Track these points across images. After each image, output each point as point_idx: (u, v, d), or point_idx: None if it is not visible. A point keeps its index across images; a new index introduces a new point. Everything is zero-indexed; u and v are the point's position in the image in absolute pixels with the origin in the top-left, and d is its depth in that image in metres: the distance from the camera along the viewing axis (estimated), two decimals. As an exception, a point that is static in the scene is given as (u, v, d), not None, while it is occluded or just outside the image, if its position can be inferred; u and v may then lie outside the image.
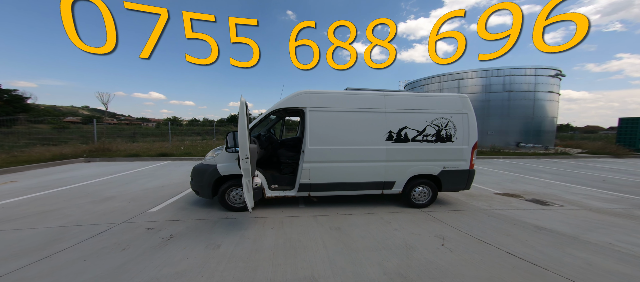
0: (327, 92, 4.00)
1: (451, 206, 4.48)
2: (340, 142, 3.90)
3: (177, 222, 3.15)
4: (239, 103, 2.82)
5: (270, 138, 4.88)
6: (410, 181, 4.19)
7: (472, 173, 4.32)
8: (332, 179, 3.92)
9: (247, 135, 2.81)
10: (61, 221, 3.10)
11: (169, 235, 2.69)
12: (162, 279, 1.88)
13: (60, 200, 3.89)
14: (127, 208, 3.63)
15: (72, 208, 3.52)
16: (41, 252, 2.26)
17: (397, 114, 4.07)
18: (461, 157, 4.22)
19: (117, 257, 2.20)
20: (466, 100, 4.29)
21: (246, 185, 2.82)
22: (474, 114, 4.29)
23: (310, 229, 3.15)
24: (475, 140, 4.24)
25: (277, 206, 4.02)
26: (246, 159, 2.73)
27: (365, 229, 3.24)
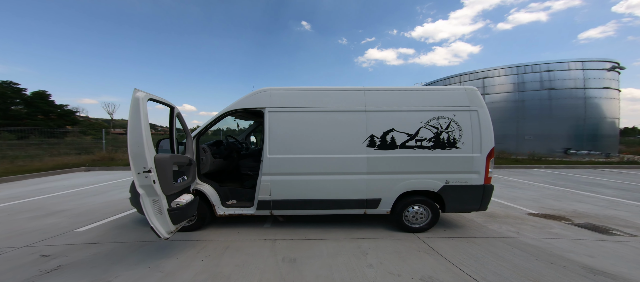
0: (291, 89, 3.46)
1: (460, 230, 3.58)
2: (307, 150, 3.30)
3: (94, 245, 2.74)
4: (133, 101, 2.30)
5: (233, 146, 4.43)
6: (402, 198, 3.42)
7: (489, 189, 3.43)
8: (298, 195, 3.30)
9: (148, 142, 2.28)
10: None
11: (57, 265, 2.25)
12: None
13: (2, 215, 3.76)
14: (57, 226, 3.32)
15: (4, 225, 3.30)
16: None
17: (380, 113, 3.39)
18: (471, 168, 3.37)
19: None
20: (474, 94, 3.48)
21: (151, 207, 2.31)
22: (487, 112, 3.44)
23: (256, 259, 2.55)
24: (491, 145, 3.38)
25: (237, 225, 3.48)
26: (146, 172, 2.23)
27: (328, 263, 2.56)
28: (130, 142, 2.23)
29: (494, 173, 3.54)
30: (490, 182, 3.44)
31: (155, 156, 2.33)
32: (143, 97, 2.33)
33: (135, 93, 2.33)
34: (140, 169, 2.22)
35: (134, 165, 2.23)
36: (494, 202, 5.27)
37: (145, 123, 2.30)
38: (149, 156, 2.25)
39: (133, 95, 2.30)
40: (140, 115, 2.25)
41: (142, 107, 2.27)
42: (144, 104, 2.31)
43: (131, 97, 2.30)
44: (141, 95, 2.33)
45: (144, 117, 2.29)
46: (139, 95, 2.32)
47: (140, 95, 2.32)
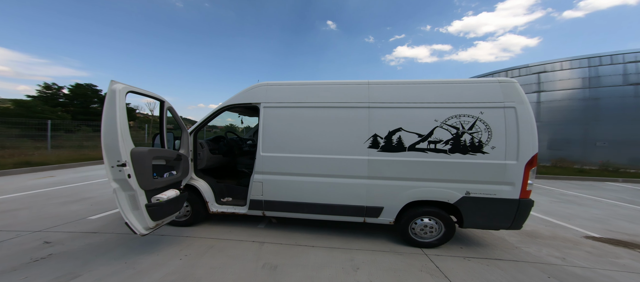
0: (288, 83, 3.27)
1: (482, 249, 3.02)
2: (301, 149, 3.08)
3: (92, 235, 2.92)
4: (109, 93, 2.29)
5: (233, 142, 4.43)
6: (408, 208, 3.00)
7: (527, 205, 2.80)
8: (290, 197, 3.11)
9: (123, 134, 2.25)
10: (4, 222, 3.28)
11: (48, 254, 2.41)
12: None
13: (38, 200, 4.37)
14: (76, 213, 3.69)
15: (31, 209, 3.80)
16: None
17: (386, 110, 3.00)
18: (502, 178, 2.78)
19: None
20: (512, 87, 2.86)
21: (127, 202, 2.31)
22: (529, 109, 2.80)
23: (235, 263, 2.44)
24: (532, 152, 2.74)
25: (231, 224, 3.45)
26: (120, 165, 2.22)
27: (311, 275, 2.32)
28: (104, 135, 2.24)
29: (546, 184, 2.88)
30: (529, 197, 2.79)
31: (132, 149, 2.33)
32: (120, 90, 2.32)
33: (112, 85, 2.33)
34: (114, 162, 2.23)
35: (107, 158, 2.24)
36: (539, 218, 4.40)
37: (122, 115, 2.29)
38: (123, 149, 2.23)
39: (109, 87, 2.31)
40: (116, 108, 2.25)
41: (118, 100, 2.27)
42: (120, 96, 2.30)
43: (110, 89, 2.30)
44: (118, 87, 2.33)
45: (120, 109, 2.28)
46: (116, 88, 2.31)
47: (117, 88, 2.32)
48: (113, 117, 2.24)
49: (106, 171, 2.24)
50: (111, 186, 2.26)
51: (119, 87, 2.33)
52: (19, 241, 2.70)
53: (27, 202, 4.15)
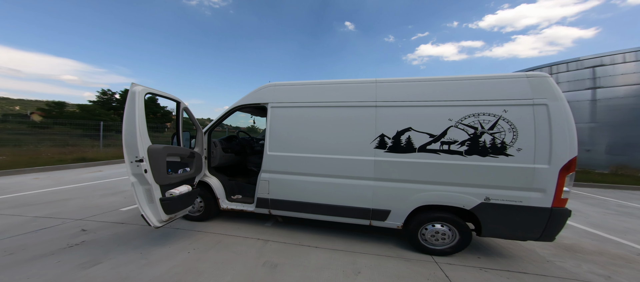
0: (295, 83, 3.28)
1: (504, 260, 2.73)
2: (306, 149, 3.08)
3: (120, 225, 3.26)
4: (129, 95, 2.50)
5: (244, 142, 4.58)
6: (418, 212, 2.81)
7: (561, 215, 2.46)
8: (296, 196, 3.12)
9: (142, 133, 2.42)
10: (50, 209, 3.76)
11: (81, 241, 2.75)
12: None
13: (86, 190, 5.02)
14: (112, 204, 4.15)
15: (79, 200, 4.36)
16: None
17: (394, 109, 2.85)
18: (529, 184, 2.47)
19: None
20: (543, 82, 2.53)
21: (143, 195, 2.51)
22: (565, 106, 2.45)
23: (238, 259, 2.52)
24: (570, 155, 2.39)
25: (240, 221, 3.59)
26: (138, 161, 2.43)
27: (310, 276, 2.31)
28: (124, 132, 2.44)
29: (600, 194, 2.53)
30: (564, 206, 2.44)
31: (149, 147, 2.51)
32: (139, 91, 2.52)
33: (132, 87, 2.54)
34: (133, 158, 2.43)
35: (127, 154, 2.44)
36: (583, 231, 3.84)
37: (140, 115, 2.48)
38: (141, 145, 2.42)
39: (130, 89, 2.52)
40: (135, 108, 2.44)
41: (137, 100, 2.47)
42: (139, 98, 2.49)
43: (130, 91, 2.51)
44: (138, 89, 2.53)
45: (139, 109, 2.47)
46: (136, 90, 2.51)
47: (136, 90, 2.51)
48: (133, 116, 2.43)
49: (126, 165, 2.45)
50: (130, 179, 2.48)
51: (138, 89, 2.53)
52: (63, 228, 3.13)
53: (77, 193, 4.81)
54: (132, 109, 2.44)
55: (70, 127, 13.92)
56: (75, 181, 5.93)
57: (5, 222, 3.22)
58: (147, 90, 2.68)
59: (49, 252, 2.47)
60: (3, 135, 11.22)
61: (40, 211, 3.71)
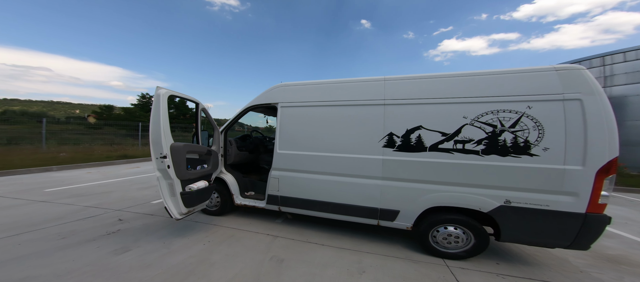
0: (304, 83, 3.33)
1: (528, 268, 2.54)
2: (314, 147, 3.12)
3: (149, 216, 3.62)
4: (155, 97, 2.75)
5: (258, 140, 4.75)
6: (429, 213, 2.69)
7: (598, 221, 2.20)
8: (305, 194, 3.19)
9: (165, 131, 2.65)
10: (98, 199, 4.31)
11: (117, 229, 3.13)
12: (31, 280, 2.02)
13: (125, 184, 5.67)
14: (145, 197, 4.63)
15: (119, 192, 4.92)
16: (33, 225, 3.07)
17: (403, 107, 2.76)
18: (559, 187, 2.25)
19: (36, 246, 2.56)
20: (576, 75, 2.26)
21: (166, 189, 2.77)
22: (603, 101, 2.17)
23: (247, 252, 2.67)
24: (610, 155, 2.12)
25: (253, 216, 3.78)
26: (162, 157, 2.66)
27: (314, 272, 2.35)
28: (151, 131, 2.68)
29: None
30: (602, 212, 2.17)
31: (171, 144, 2.74)
32: (163, 94, 2.76)
33: (157, 90, 2.78)
34: (158, 154, 2.67)
35: (153, 150, 2.69)
36: (635, 241, 3.35)
37: (164, 115, 2.71)
38: (164, 143, 2.65)
39: (155, 93, 2.76)
40: (160, 109, 2.68)
41: (162, 102, 2.70)
42: (163, 100, 2.73)
43: (155, 94, 2.76)
44: (162, 92, 2.77)
45: (163, 110, 2.70)
46: (160, 92, 2.75)
47: (161, 92, 2.76)
48: (157, 116, 2.67)
49: (153, 161, 2.70)
50: (156, 174, 2.74)
51: (162, 92, 2.77)
52: (105, 217, 3.59)
53: (118, 186, 5.46)
54: (157, 110, 2.68)
55: (116, 127, 15.75)
56: (118, 176, 6.73)
57: (62, 210, 3.80)
58: (170, 92, 2.92)
59: (91, 238, 2.86)
60: (66, 135, 13.09)
61: (89, 201, 4.30)
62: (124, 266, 2.30)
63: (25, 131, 12.50)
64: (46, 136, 10.32)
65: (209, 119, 3.75)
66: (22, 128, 13.68)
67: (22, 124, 15.59)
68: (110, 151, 10.30)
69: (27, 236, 2.89)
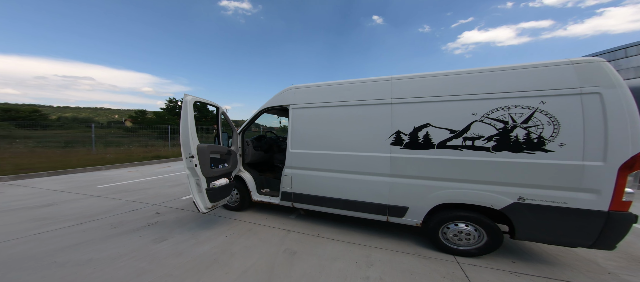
0: (314, 85, 3.50)
1: (547, 267, 2.49)
2: (325, 146, 3.28)
3: (181, 211, 4.08)
4: (183, 103, 3.10)
5: (272, 141, 5.01)
6: (439, 210, 2.72)
7: (623, 219, 2.11)
8: (316, 191, 3.37)
9: (192, 134, 2.98)
10: (138, 195, 4.90)
11: (155, 221, 3.59)
12: (92, 263, 2.43)
13: (159, 182, 6.35)
14: (176, 194, 5.16)
15: (154, 189, 5.52)
16: (91, 216, 3.66)
17: (410, 105, 2.81)
18: (577, 184, 2.18)
19: (95, 233, 3.05)
20: (595, 69, 2.17)
21: (194, 185, 3.13)
22: (625, 94, 2.07)
23: (263, 245, 2.94)
24: (636, 150, 2.02)
25: (269, 212, 4.08)
26: (190, 157, 3.00)
27: (324, 264, 2.53)
28: (181, 134, 3.03)
29: None
30: (627, 210, 2.07)
31: (197, 145, 3.06)
32: (190, 100, 3.10)
33: (185, 97, 3.12)
34: (187, 154, 3.01)
35: (183, 151, 3.04)
36: None
37: (191, 119, 3.04)
38: (192, 144, 2.99)
39: (183, 99, 3.11)
40: (188, 114, 3.01)
41: (189, 108, 3.04)
42: (190, 105, 3.07)
43: (183, 100, 3.11)
44: (188, 98, 3.11)
45: (190, 115, 3.03)
46: (188, 99, 3.10)
47: (188, 99, 3.10)
48: (186, 120, 3.01)
49: (183, 160, 3.07)
50: (186, 172, 3.10)
51: (188, 98, 3.12)
52: (145, 210, 4.11)
53: (153, 184, 6.14)
54: (185, 115, 3.03)
55: (149, 130, 17.38)
56: (152, 174, 7.53)
57: (112, 204, 4.43)
58: (195, 99, 3.26)
59: (135, 228, 3.34)
60: (109, 138, 14.79)
61: (131, 196, 4.94)
62: (162, 253, 2.69)
63: (77, 135, 14.36)
64: (94, 139, 11.78)
65: (228, 121, 4.08)
66: (75, 132, 15.71)
67: (74, 129, 17.86)
68: (146, 152, 11.45)
69: (88, 225, 3.45)
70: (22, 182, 6.19)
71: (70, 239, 3.01)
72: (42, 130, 17.12)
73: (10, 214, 3.84)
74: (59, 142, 12.54)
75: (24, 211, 4.03)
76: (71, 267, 2.37)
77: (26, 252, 2.66)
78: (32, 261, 2.49)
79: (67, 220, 3.63)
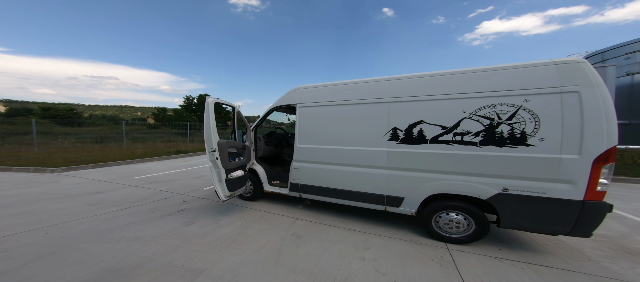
0: (319, 85, 3.84)
1: (531, 254, 2.71)
2: (329, 141, 3.63)
3: (203, 200, 4.67)
4: (205, 104, 3.60)
5: (282, 136, 5.44)
6: (432, 200, 3.01)
7: (597, 209, 2.30)
8: (321, 182, 3.76)
9: (214, 131, 3.45)
10: (167, 186, 5.56)
11: (183, 208, 4.19)
12: (139, 239, 2.98)
13: (183, 174, 7.09)
14: (198, 184, 5.79)
15: (183, 180, 6.24)
16: (132, 203, 4.30)
17: (405, 103, 3.08)
18: (555, 175, 2.39)
19: (138, 216, 3.70)
20: (575, 69, 2.35)
21: (216, 176, 3.65)
22: (602, 93, 2.24)
23: (273, 229, 3.37)
24: (607, 144, 2.21)
25: (279, 202, 4.53)
26: (212, 151, 3.47)
27: (325, 246, 2.91)
28: (205, 131, 3.52)
29: None
30: (601, 199, 2.25)
31: (218, 141, 3.53)
32: (210, 102, 3.57)
33: (207, 99, 3.59)
34: (209, 149, 3.49)
35: (207, 146, 3.52)
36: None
37: (213, 119, 3.51)
38: (214, 140, 3.47)
39: (206, 101, 3.58)
40: (210, 114, 3.48)
41: (210, 108, 3.51)
42: (211, 106, 3.53)
43: (205, 102, 3.59)
44: (209, 100, 3.58)
45: (211, 114, 3.49)
46: (209, 100, 3.57)
47: (209, 100, 3.57)
48: (208, 119, 3.49)
49: (207, 154, 3.56)
50: (209, 164, 3.61)
51: (209, 100, 3.59)
52: (174, 199, 4.74)
53: (178, 176, 6.85)
54: (208, 115, 3.52)
55: (170, 127, 18.68)
56: (177, 167, 8.33)
57: (147, 193, 5.14)
58: (215, 100, 3.73)
59: (168, 214, 3.94)
60: (134, 134, 16.18)
61: (162, 186, 5.64)
62: (191, 234, 3.23)
63: (108, 132, 15.86)
64: (125, 136, 13.02)
65: (242, 119, 4.56)
66: (105, 129, 17.32)
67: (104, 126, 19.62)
68: (168, 147, 12.47)
69: (131, 209, 4.09)
70: (73, 173, 7.18)
71: (120, 220, 3.65)
72: (78, 127, 19.01)
73: (72, 199, 4.62)
74: (94, 138, 14.00)
75: (81, 196, 4.81)
76: (125, 242, 2.97)
77: (92, 229, 3.30)
78: (97, 236, 3.12)
79: (115, 205, 4.33)
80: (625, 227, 3.47)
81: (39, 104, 39.31)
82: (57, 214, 3.85)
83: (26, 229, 3.29)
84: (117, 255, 2.65)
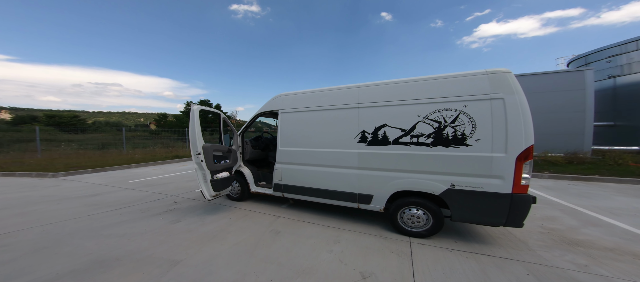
0: (298, 92, 4.13)
1: (481, 245, 2.95)
2: (307, 144, 3.89)
3: (193, 200, 4.90)
4: (191, 111, 3.84)
5: (268, 140, 5.71)
6: (395, 198, 3.25)
7: (523, 201, 2.57)
8: (301, 182, 4.00)
9: (198, 136, 3.71)
10: (161, 188, 5.78)
11: (173, 208, 4.42)
12: (127, 235, 3.19)
13: (178, 178, 7.32)
14: (191, 187, 6.01)
15: (174, 184, 6.43)
16: (126, 204, 4.54)
17: (372, 108, 3.34)
18: (488, 172, 2.65)
19: (129, 216, 3.92)
20: (502, 78, 2.66)
21: (201, 177, 3.89)
22: (521, 99, 2.56)
23: (254, 226, 3.60)
24: (526, 143, 2.51)
25: (265, 202, 4.76)
26: (198, 154, 3.72)
27: (300, 241, 3.11)
28: (190, 136, 3.79)
29: None
30: (525, 192, 2.49)
31: (203, 145, 3.78)
32: (195, 109, 3.83)
33: (192, 107, 3.86)
34: (195, 152, 3.75)
35: (192, 149, 3.78)
36: (622, 230, 3.32)
37: (198, 124, 3.76)
38: (199, 144, 3.72)
39: (191, 108, 3.84)
40: (194, 120, 3.74)
41: (195, 115, 3.77)
42: (196, 114, 3.79)
43: (191, 109, 3.84)
44: (194, 108, 3.85)
45: (196, 121, 3.75)
46: (194, 108, 3.83)
47: (194, 108, 3.84)
48: (193, 125, 3.76)
49: (192, 157, 3.82)
50: (194, 166, 3.85)
51: (194, 107, 3.86)
52: (166, 200, 4.96)
53: (173, 179, 7.08)
54: (193, 121, 3.78)
55: (170, 133, 18.99)
56: (173, 171, 8.56)
57: (141, 195, 5.36)
58: (200, 108, 4.00)
59: (158, 213, 4.16)
60: (136, 140, 16.46)
61: (156, 189, 5.87)
62: (176, 230, 3.44)
63: (110, 138, 16.16)
64: (125, 142, 13.30)
65: (228, 125, 4.83)
66: (107, 136, 17.63)
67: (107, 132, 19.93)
68: (167, 152, 12.73)
69: (124, 210, 4.32)
70: (73, 177, 7.44)
71: (112, 219, 3.88)
72: (82, 134, 19.33)
73: (70, 201, 4.87)
74: (96, 144, 14.27)
75: (79, 199, 5.06)
76: (113, 238, 3.19)
77: (85, 227, 3.54)
78: (89, 232, 3.35)
79: (109, 206, 4.57)
80: (576, 222, 3.69)
81: (45, 111, 39.87)
82: (54, 214, 4.09)
83: (25, 227, 3.53)
84: (104, 249, 2.88)
